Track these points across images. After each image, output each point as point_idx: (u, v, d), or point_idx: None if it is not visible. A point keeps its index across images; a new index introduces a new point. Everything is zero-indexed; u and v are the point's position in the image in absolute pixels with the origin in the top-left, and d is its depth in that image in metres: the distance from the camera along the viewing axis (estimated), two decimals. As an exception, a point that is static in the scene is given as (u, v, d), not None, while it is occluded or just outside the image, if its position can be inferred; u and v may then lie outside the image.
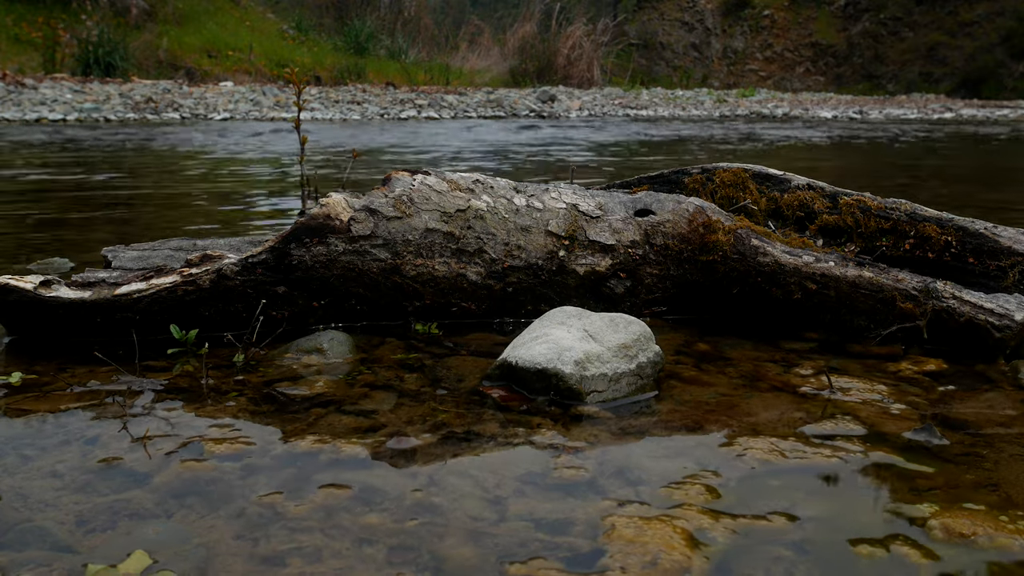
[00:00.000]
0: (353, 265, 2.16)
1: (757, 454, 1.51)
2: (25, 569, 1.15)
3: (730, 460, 1.49)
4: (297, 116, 4.66)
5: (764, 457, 1.50)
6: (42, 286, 2.10)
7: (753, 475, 1.43)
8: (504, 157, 8.25)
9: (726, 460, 1.49)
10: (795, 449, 1.53)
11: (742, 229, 2.32)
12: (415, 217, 2.20)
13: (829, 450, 1.53)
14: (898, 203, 2.36)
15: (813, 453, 1.52)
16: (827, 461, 1.49)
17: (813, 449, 1.54)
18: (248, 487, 1.38)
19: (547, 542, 1.22)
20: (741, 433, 1.60)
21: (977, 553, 1.20)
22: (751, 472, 1.44)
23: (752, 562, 1.18)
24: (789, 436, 1.59)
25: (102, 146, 9.21)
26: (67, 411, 1.69)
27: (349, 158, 7.55)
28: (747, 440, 1.56)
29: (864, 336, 2.20)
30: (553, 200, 2.35)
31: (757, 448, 1.53)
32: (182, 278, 2.11)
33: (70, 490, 1.36)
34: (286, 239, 2.14)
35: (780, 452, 1.52)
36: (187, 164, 7.45)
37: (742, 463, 1.48)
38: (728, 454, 1.51)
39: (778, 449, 1.53)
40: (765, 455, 1.50)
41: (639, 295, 2.34)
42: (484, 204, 2.27)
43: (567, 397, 1.75)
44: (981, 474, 1.44)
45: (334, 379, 1.88)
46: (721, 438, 1.58)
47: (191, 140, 10.36)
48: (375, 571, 1.16)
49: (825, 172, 7.15)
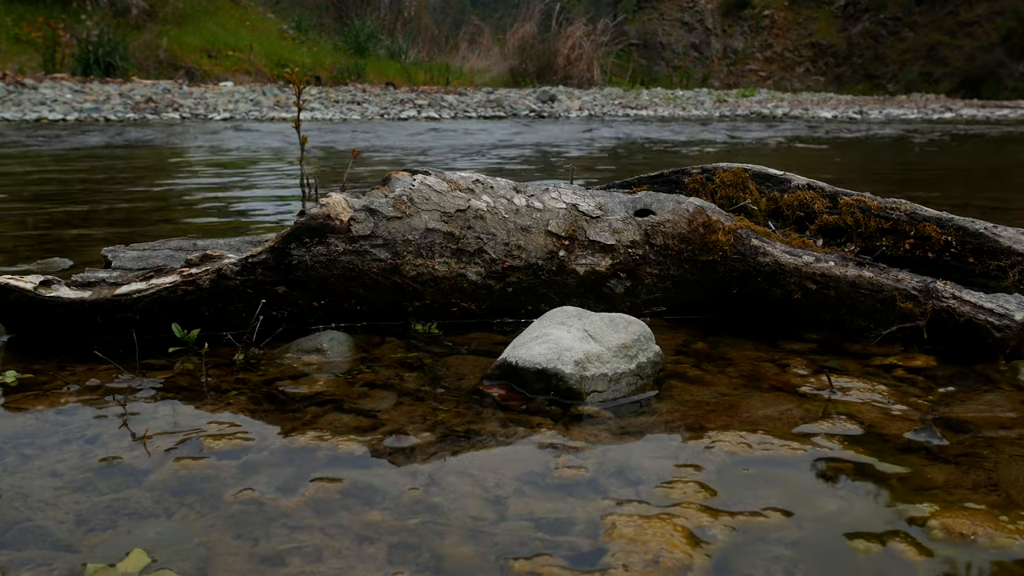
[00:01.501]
0: (353, 265, 2.16)
1: (757, 453, 1.51)
2: (25, 568, 1.15)
3: (730, 459, 1.49)
4: (297, 116, 4.66)
5: (764, 455, 1.50)
6: (42, 286, 2.10)
7: (753, 474, 1.43)
8: (503, 157, 8.25)
9: (726, 459, 1.49)
10: (795, 448, 1.53)
11: (742, 229, 2.32)
12: (415, 217, 2.20)
13: (829, 450, 1.53)
14: (898, 203, 2.36)
15: (813, 452, 1.52)
16: (827, 461, 1.49)
17: (813, 448, 1.54)
18: (247, 485, 1.38)
19: (548, 541, 1.22)
20: (741, 432, 1.60)
21: (977, 552, 1.20)
22: (751, 471, 1.44)
23: (752, 560, 1.18)
24: (788, 436, 1.59)
25: (102, 146, 9.21)
26: (67, 409, 1.69)
27: (349, 158, 7.55)
28: (747, 439, 1.56)
29: (864, 336, 2.20)
30: (553, 200, 2.35)
31: (757, 447, 1.53)
32: (182, 278, 2.11)
33: (70, 489, 1.36)
34: (286, 239, 2.14)
35: (780, 451, 1.52)
36: (187, 163, 7.45)
37: (742, 462, 1.48)
38: (728, 453, 1.51)
39: (778, 448, 1.53)
40: (765, 454, 1.51)
41: (639, 295, 2.34)
42: (484, 204, 2.27)
43: (567, 397, 1.74)
44: (981, 474, 1.44)
45: (334, 378, 1.88)
46: (721, 437, 1.58)
47: (191, 139, 10.36)
48: (375, 570, 1.16)
49: (826, 171, 7.16)
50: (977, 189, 6.32)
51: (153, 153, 8.59)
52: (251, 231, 3.77)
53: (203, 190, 5.53)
